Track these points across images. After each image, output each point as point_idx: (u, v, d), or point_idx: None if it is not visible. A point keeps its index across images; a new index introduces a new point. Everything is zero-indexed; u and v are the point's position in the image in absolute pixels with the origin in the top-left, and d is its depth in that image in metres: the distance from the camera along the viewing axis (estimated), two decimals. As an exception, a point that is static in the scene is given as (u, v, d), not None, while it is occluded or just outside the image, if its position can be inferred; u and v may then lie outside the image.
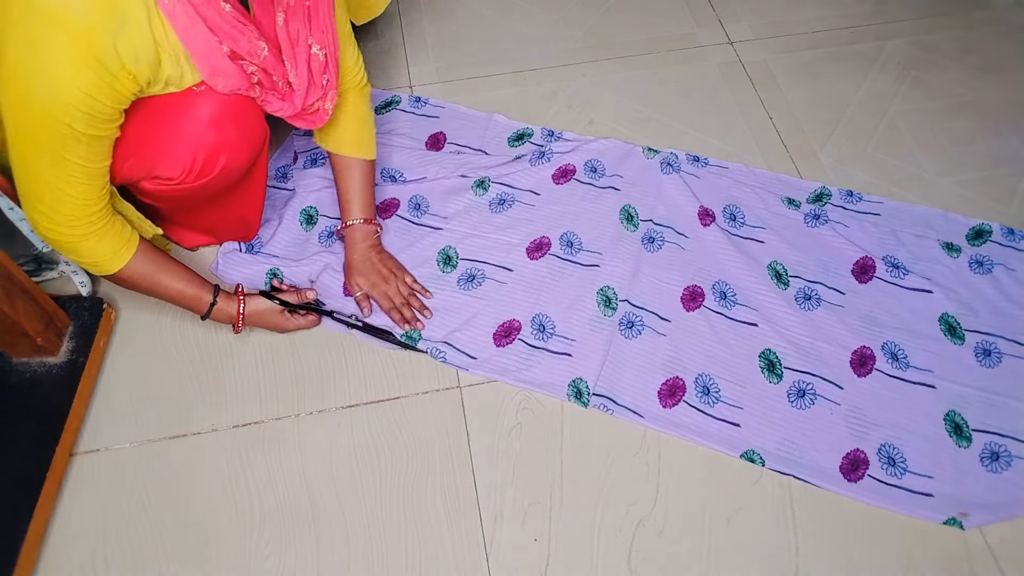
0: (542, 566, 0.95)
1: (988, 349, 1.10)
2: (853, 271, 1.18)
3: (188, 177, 0.93)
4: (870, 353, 1.09)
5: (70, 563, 0.94)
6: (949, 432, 1.03)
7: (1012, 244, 1.21)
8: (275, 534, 0.96)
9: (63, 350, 1.03)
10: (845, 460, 1.01)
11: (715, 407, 1.05)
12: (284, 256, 1.18)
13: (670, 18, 1.57)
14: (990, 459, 1.01)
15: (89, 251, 0.92)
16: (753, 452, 1.02)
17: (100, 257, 0.93)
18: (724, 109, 1.41)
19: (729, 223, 1.23)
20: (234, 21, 0.85)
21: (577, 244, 1.20)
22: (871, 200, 1.26)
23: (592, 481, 1.01)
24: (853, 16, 1.58)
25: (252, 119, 0.96)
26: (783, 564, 0.95)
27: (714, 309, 1.14)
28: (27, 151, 0.82)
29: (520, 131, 1.35)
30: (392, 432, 1.04)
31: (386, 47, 1.50)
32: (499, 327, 1.12)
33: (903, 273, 1.17)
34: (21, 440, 0.96)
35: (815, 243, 1.21)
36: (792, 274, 1.17)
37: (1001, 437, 1.02)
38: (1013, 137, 1.38)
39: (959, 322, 1.12)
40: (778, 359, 1.09)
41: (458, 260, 1.19)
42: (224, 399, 1.06)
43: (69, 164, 0.82)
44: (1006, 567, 0.95)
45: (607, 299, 1.14)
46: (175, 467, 1.00)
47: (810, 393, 1.06)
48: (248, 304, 1.05)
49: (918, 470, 1.00)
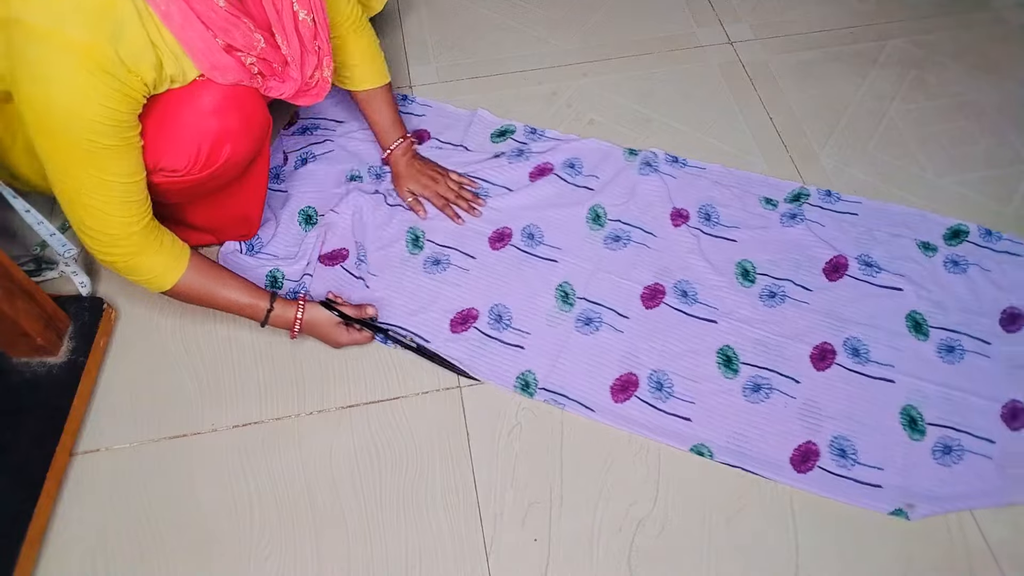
0: (542, 566, 0.95)
1: (952, 346, 1.11)
2: (825, 269, 1.19)
3: (193, 168, 0.94)
4: (831, 348, 1.10)
5: (70, 563, 0.94)
6: (904, 425, 1.04)
7: (989, 245, 1.21)
8: (275, 534, 0.96)
9: (63, 350, 1.03)
10: (796, 452, 1.02)
11: (667, 402, 1.06)
12: (284, 256, 1.18)
13: (670, 18, 1.57)
14: (942, 452, 1.02)
15: (145, 268, 0.94)
16: (702, 446, 1.03)
17: (154, 273, 0.95)
18: (724, 109, 1.41)
19: (703, 222, 1.24)
20: (228, 15, 0.85)
21: (538, 237, 1.21)
22: (849, 200, 1.27)
23: (592, 481, 1.01)
24: (853, 16, 1.58)
25: (254, 107, 0.97)
26: (783, 564, 0.95)
27: (674, 306, 1.14)
28: (65, 179, 0.85)
29: (503, 128, 1.36)
30: (392, 432, 1.04)
31: (386, 47, 1.49)
32: (457, 314, 1.13)
33: (876, 271, 1.18)
34: (21, 440, 0.96)
35: (789, 242, 1.22)
36: (760, 272, 1.18)
37: (956, 431, 1.04)
38: (1013, 137, 1.38)
39: (926, 319, 1.13)
40: (735, 355, 1.10)
41: (425, 242, 1.20)
42: (224, 399, 1.06)
43: (106, 183, 0.85)
44: (1006, 567, 0.95)
45: (565, 294, 1.15)
46: (175, 467, 1.00)
47: (765, 388, 1.07)
48: (307, 311, 1.05)
49: (868, 462, 1.02)
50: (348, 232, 1.20)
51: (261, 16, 0.92)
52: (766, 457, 1.02)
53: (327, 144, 1.31)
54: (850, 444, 1.03)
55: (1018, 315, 1.13)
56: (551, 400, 1.06)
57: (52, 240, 1.04)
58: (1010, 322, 1.13)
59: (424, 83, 1.44)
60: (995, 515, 0.99)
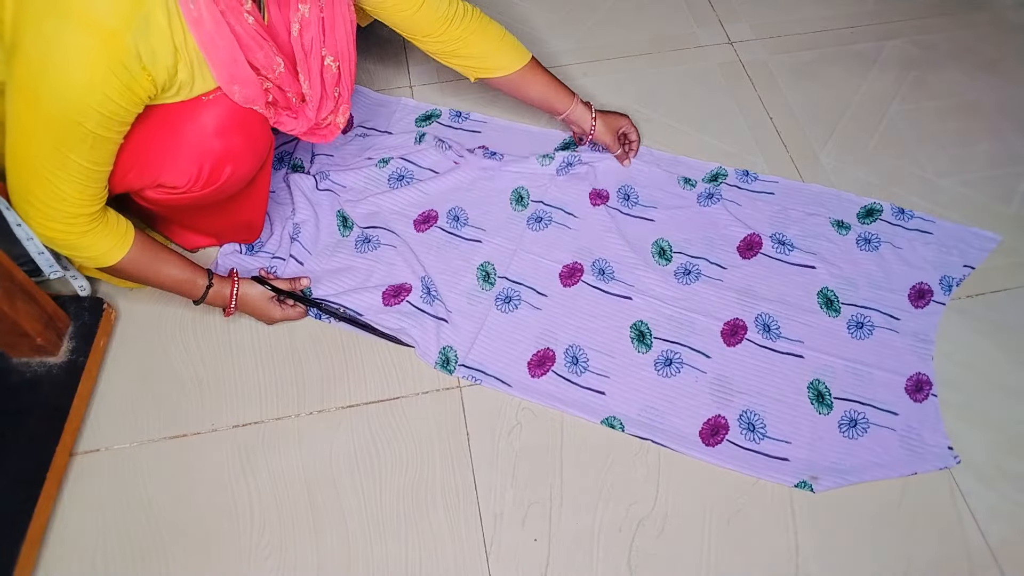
0: (542, 566, 0.95)
1: (861, 322, 1.13)
2: (739, 247, 1.21)
3: (194, 186, 0.93)
4: (743, 324, 1.13)
5: (70, 563, 0.94)
6: (811, 400, 1.07)
7: (900, 223, 1.24)
8: (275, 534, 0.96)
9: (63, 350, 1.03)
10: (706, 425, 1.04)
11: (582, 376, 1.08)
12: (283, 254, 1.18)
13: (670, 18, 1.57)
14: (848, 426, 1.05)
15: (86, 246, 0.91)
16: (614, 418, 1.04)
17: (96, 251, 0.92)
18: (724, 109, 1.41)
19: (622, 203, 1.26)
20: (255, 34, 0.85)
21: (463, 219, 1.23)
22: (766, 180, 1.29)
23: (592, 481, 1.01)
24: (853, 16, 1.58)
25: (257, 128, 0.96)
26: (783, 564, 0.95)
27: (591, 284, 1.17)
28: (28, 144, 0.81)
29: (428, 112, 1.38)
30: (392, 432, 1.04)
31: (386, 47, 1.50)
32: (389, 287, 1.15)
33: (789, 249, 1.20)
34: (21, 440, 0.96)
35: (705, 221, 1.24)
36: (676, 250, 1.21)
37: (861, 405, 1.06)
38: (1013, 137, 1.38)
39: (837, 295, 1.16)
40: (649, 330, 1.12)
41: (353, 224, 1.21)
42: (224, 399, 1.06)
43: (71, 163, 0.82)
44: (1006, 567, 0.95)
45: (486, 274, 1.17)
46: (175, 467, 1.00)
47: (677, 362, 1.09)
48: (241, 287, 1.05)
49: (776, 435, 1.04)
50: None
51: (286, 45, 0.92)
52: (676, 430, 1.04)
53: None
54: (759, 418, 1.05)
55: (927, 290, 1.16)
56: (469, 376, 1.07)
57: (40, 259, 1.03)
58: (918, 297, 1.16)
59: (424, 83, 1.44)
60: (995, 515, 0.99)
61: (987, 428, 1.06)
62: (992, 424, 1.06)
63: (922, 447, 1.03)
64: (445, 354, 1.09)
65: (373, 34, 1.51)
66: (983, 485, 1.01)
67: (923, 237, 1.22)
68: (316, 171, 1.27)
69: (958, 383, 1.09)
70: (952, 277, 1.18)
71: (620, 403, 1.06)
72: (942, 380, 1.09)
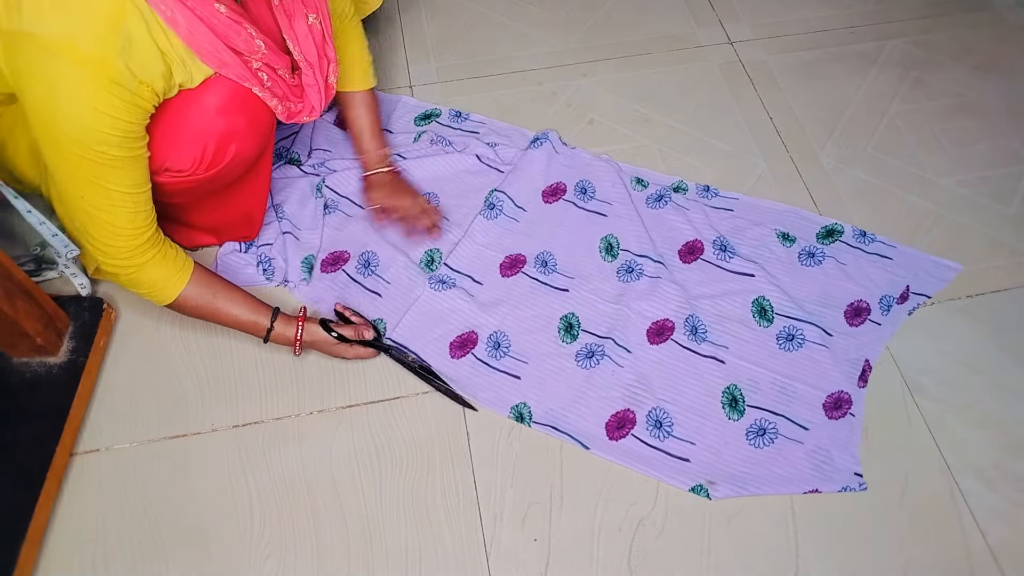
0: (542, 566, 0.95)
1: (792, 334, 1.12)
2: (681, 251, 1.21)
3: (199, 167, 0.94)
4: (671, 325, 1.13)
5: (70, 563, 0.94)
6: (723, 404, 1.06)
7: (860, 246, 1.22)
8: (275, 534, 0.96)
9: (63, 350, 1.03)
10: (613, 418, 1.05)
11: (501, 361, 1.09)
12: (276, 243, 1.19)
13: (670, 18, 1.57)
14: (756, 434, 1.04)
15: (148, 280, 0.95)
16: (524, 405, 1.05)
17: (156, 286, 0.96)
18: (724, 109, 1.41)
19: (579, 196, 1.27)
20: (229, 21, 0.86)
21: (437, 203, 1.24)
22: (726, 196, 1.29)
23: (592, 481, 1.01)
24: (853, 16, 1.58)
25: (259, 106, 0.97)
26: (783, 564, 0.95)
27: (531, 275, 1.18)
28: (70, 189, 0.86)
29: (427, 111, 1.38)
30: (392, 432, 1.04)
31: (386, 47, 1.50)
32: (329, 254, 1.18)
33: (730, 256, 1.20)
34: (21, 440, 0.96)
35: (652, 222, 1.24)
36: (623, 247, 1.21)
37: (774, 415, 1.05)
38: (1013, 137, 1.38)
39: (772, 306, 1.15)
40: (577, 322, 1.13)
41: (324, 188, 1.24)
42: (224, 399, 1.06)
43: (112, 194, 0.86)
44: (1006, 567, 0.95)
45: (431, 259, 1.18)
46: (175, 467, 1.00)
47: (598, 354, 1.10)
48: (307, 331, 1.05)
49: (681, 435, 1.04)
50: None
51: (267, 23, 0.93)
52: (582, 421, 1.04)
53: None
54: (667, 416, 1.05)
55: (864, 308, 1.15)
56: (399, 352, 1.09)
57: (55, 240, 1.04)
58: (855, 315, 1.14)
59: (424, 83, 1.44)
60: (995, 515, 0.99)
61: (987, 428, 1.06)
62: (992, 424, 1.06)
63: (829, 465, 1.01)
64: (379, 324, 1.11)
65: (372, 32, 1.51)
66: (983, 485, 1.01)
67: (881, 261, 1.20)
68: (313, 163, 1.28)
69: (958, 383, 1.09)
70: (891, 297, 1.15)
71: (533, 392, 1.06)
72: (943, 380, 1.09)
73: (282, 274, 1.15)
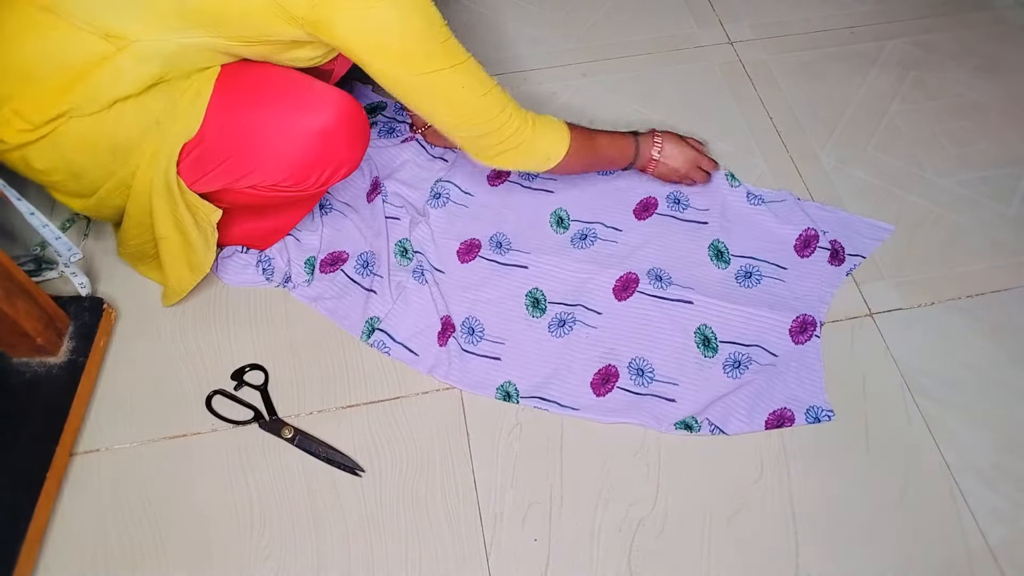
0: (542, 566, 0.95)
1: (750, 272, 1.19)
2: (635, 209, 1.25)
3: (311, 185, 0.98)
4: (635, 278, 1.16)
5: (70, 563, 0.94)
6: (698, 344, 1.11)
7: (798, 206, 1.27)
8: (275, 534, 0.96)
9: (63, 350, 1.03)
10: (597, 376, 1.08)
11: (478, 345, 1.11)
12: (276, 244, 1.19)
13: (670, 18, 1.57)
14: (732, 367, 1.09)
15: (541, 139, 1.04)
16: (509, 384, 1.07)
17: (553, 136, 1.05)
18: (724, 109, 1.41)
19: (523, 177, 1.29)
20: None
21: (391, 199, 1.25)
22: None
23: (592, 481, 1.01)
24: (853, 16, 1.58)
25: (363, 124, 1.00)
26: (783, 564, 0.95)
27: (488, 258, 1.19)
28: (451, 91, 0.94)
29: (374, 103, 1.39)
30: (392, 432, 1.04)
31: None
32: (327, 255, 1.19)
33: (683, 208, 1.25)
34: (21, 440, 0.96)
35: (604, 188, 1.28)
36: (574, 218, 1.24)
37: (745, 347, 1.11)
38: (1013, 137, 1.38)
39: (727, 247, 1.21)
40: (543, 296, 1.15)
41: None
42: (223, 399, 1.06)
43: (475, 64, 0.95)
44: (1006, 567, 0.95)
45: (404, 250, 1.19)
46: (175, 467, 1.00)
47: (569, 322, 1.13)
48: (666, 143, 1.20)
49: (664, 378, 1.08)
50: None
51: None
52: (567, 385, 1.07)
53: None
54: (647, 363, 1.09)
55: (812, 238, 1.21)
56: (378, 343, 1.09)
57: (58, 244, 1.04)
58: (804, 246, 1.21)
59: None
60: (995, 515, 0.99)
61: (987, 428, 1.06)
62: (992, 424, 1.06)
63: (799, 386, 1.07)
64: (371, 324, 1.11)
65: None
66: (983, 485, 1.01)
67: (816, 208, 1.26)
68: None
69: (958, 383, 1.09)
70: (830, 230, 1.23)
71: (516, 369, 1.08)
72: (943, 380, 1.09)
73: (282, 274, 1.15)
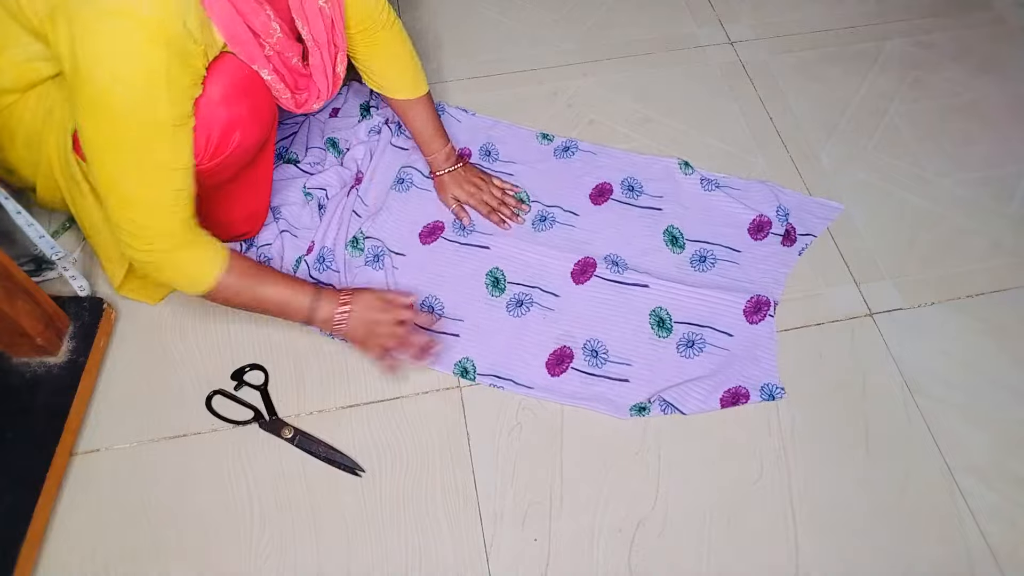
0: (542, 566, 0.95)
1: (704, 256, 1.21)
2: (591, 195, 1.27)
3: (203, 157, 0.93)
4: (592, 262, 1.18)
5: (70, 563, 0.94)
6: (652, 325, 1.13)
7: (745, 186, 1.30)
8: (275, 534, 0.96)
9: (63, 350, 1.03)
10: (552, 357, 1.10)
11: (438, 323, 1.13)
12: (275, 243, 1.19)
13: (670, 18, 1.57)
14: (685, 346, 1.11)
15: (187, 262, 0.92)
16: (467, 360, 1.09)
17: (197, 266, 0.92)
18: (724, 109, 1.41)
19: (484, 158, 1.32)
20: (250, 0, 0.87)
21: (363, 194, 1.27)
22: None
23: (592, 481, 1.01)
24: (853, 16, 1.58)
25: (262, 95, 0.97)
26: (783, 564, 0.95)
27: (450, 239, 1.22)
28: (117, 167, 0.84)
29: (366, 103, 1.40)
30: (392, 432, 1.04)
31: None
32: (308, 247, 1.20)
33: (637, 195, 1.28)
34: (21, 440, 0.96)
35: (561, 172, 1.30)
36: (533, 199, 1.27)
37: (699, 327, 1.13)
38: (1013, 137, 1.38)
39: (682, 232, 1.23)
40: (503, 275, 1.18)
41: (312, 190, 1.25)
42: (223, 399, 1.06)
43: (162, 169, 0.85)
44: (1006, 567, 0.95)
45: (355, 240, 1.20)
46: (175, 467, 1.00)
47: (527, 302, 1.15)
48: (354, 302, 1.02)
49: (617, 359, 1.10)
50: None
51: (282, 10, 0.94)
52: (523, 364, 1.09)
53: None
54: (602, 345, 1.11)
55: (765, 223, 1.23)
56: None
57: (41, 243, 1.04)
58: (757, 230, 1.23)
59: (424, 83, 1.44)
60: (995, 515, 0.99)
61: (987, 428, 1.06)
62: (992, 424, 1.06)
63: (755, 365, 1.09)
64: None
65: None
66: (983, 485, 1.01)
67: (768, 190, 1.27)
68: (310, 161, 1.29)
69: (958, 383, 1.09)
70: (786, 209, 1.24)
71: (473, 346, 1.10)
72: (943, 380, 1.09)
73: None
